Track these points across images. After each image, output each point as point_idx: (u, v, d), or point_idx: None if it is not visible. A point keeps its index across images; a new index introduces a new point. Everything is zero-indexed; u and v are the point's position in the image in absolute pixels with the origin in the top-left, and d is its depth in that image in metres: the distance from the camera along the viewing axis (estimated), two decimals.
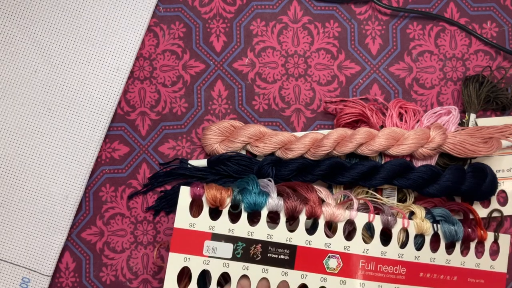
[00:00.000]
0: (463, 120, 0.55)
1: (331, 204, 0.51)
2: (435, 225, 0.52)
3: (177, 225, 0.49)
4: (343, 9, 0.57)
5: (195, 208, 0.51)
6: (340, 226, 0.51)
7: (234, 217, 0.50)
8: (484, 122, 0.56)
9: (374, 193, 0.53)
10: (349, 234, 0.52)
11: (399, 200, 0.54)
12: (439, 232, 0.52)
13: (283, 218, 0.50)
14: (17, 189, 0.53)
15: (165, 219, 0.55)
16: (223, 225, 0.49)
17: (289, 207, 0.50)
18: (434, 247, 0.53)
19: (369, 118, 0.54)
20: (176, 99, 0.56)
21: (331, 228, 0.52)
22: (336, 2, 0.57)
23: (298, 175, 0.52)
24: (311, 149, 0.52)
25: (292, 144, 0.52)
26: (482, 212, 0.56)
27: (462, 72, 0.57)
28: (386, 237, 0.52)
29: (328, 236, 0.51)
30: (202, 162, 0.54)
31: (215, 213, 0.50)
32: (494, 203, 0.56)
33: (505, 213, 0.56)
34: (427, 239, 0.52)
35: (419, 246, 0.52)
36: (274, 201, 0.50)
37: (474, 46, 0.57)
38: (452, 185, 0.52)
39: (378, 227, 0.51)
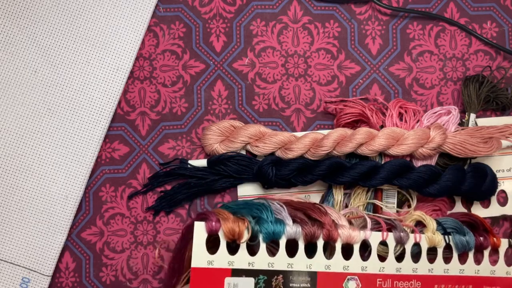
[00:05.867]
0: (463, 120, 0.55)
1: (345, 226, 0.50)
2: (446, 236, 0.52)
3: (194, 264, 0.47)
4: (343, 9, 0.57)
5: (208, 242, 0.48)
6: (356, 248, 0.50)
7: (251, 248, 0.48)
8: (484, 122, 0.56)
9: (375, 201, 0.53)
10: (347, 252, 0.51)
11: (399, 201, 0.54)
12: (451, 243, 0.52)
13: (301, 245, 0.49)
14: (17, 189, 0.53)
15: (165, 219, 0.55)
16: (242, 259, 0.47)
17: (307, 233, 0.48)
18: (447, 257, 0.52)
19: (369, 118, 0.54)
20: (176, 99, 0.56)
21: (326, 249, 0.51)
22: (336, 2, 0.57)
23: (298, 175, 0.52)
24: (311, 149, 0.52)
25: (292, 144, 0.52)
26: (482, 212, 0.56)
27: (462, 72, 0.57)
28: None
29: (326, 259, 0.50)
30: (202, 162, 0.54)
31: (230, 246, 0.48)
32: (494, 203, 0.56)
33: (505, 213, 0.56)
34: (440, 251, 0.52)
35: (423, 257, 0.52)
36: (292, 228, 0.48)
37: (474, 46, 0.57)
38: (452, 185, 0.52)
39: (391, 244, 0.51)
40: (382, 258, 0.51)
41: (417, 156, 0.53)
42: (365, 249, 0.51)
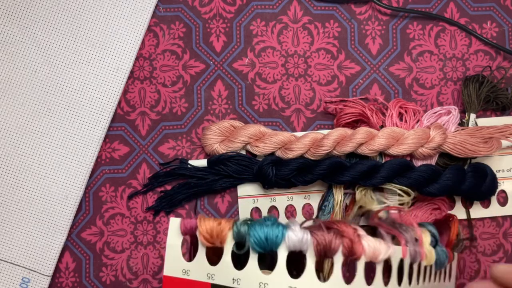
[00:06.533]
0: (463, 120, 0.55)
1: (369, 237, 0.37)
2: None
3: (167, 272, 0.38)
4: (343, 9, 0.57)
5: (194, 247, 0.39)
6: (379, 269, 0.37)
7: (243, 261, 0.36)
8: (484, 122, 0.56)
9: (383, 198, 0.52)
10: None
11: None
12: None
13: (310, 262, 0.35)
14: (17, 189, 0.53)
15: (165, 219, 0.55)
16: (225, 272, 0.36)
17: (321, 242, 0.35)
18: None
19: (369, 118, 0.54)
20: (176, 99, 0.56)
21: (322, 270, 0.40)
22: (336, 2, 0.57)
23: (298, 175, 0.52)
24: (311, 148, 0.52)
25: (292, 144, 0.52)
26: (482, 212, 0.56)
27: (462, 72, 0.57)
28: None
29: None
30: (202, 162, 0.54)
31: (218, 256, 0.38)
32: (494, 203, 0.56)
33: (505, 213, 0.56)
34: (428, 270, 0.43)
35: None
36: (296, 234, 0.35)
37: (474, 46, 0.57)
38: (453, 184, 0.51)
39: (406, 262, 0.39)
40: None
41: (417, 156, 0.53)
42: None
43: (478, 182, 0.52)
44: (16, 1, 0.54)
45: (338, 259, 0.35)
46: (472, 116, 0.55)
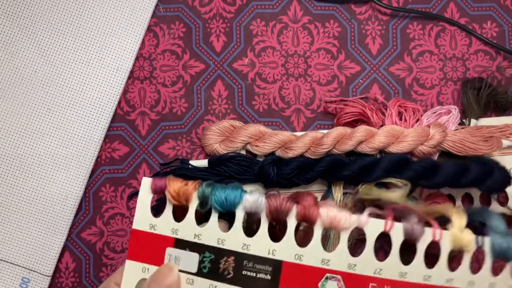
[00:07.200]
0: (463, 121, 0.55)
1: (330, 205, 0.39)
2: (480, 237, 0.39)
3: (136, 226, 0.40)
4: (343, 9, 0.57)
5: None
6: (344, 237, 0.38)
7: (206, 220, 0.40)
8: (484, 122, 0.56)
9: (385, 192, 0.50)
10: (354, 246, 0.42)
11: None
12: (485, 247, 0.39)
13: (264, 223, 0.39)
14: (17, 189, 0.53)
15: None
16: (188, 228, 0.39)
17: (272, 205, 0.38)
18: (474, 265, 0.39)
19: (369, 118, 0.54)
20: (176, 99, 0.56)
21: (327, 239, 0.42)
22: (336, 2, 0.57)
23: (299, 174, 0.52)
24: (311, 147, 0.52)
25: (292, 143, 0.52)
26: None
27: (462, 72, 0.57)
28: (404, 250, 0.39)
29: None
30: (203, 163, 0.54)
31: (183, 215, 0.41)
32: (494, 203, 0.56)
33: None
34: (467, 258, 0.39)
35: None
36: (252, 197, 0.39)
37: (474, 46, 0.57)
38: (456, 171, 0.49)
39: (398, 238, 0.38)
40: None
41: (417, 154, 0.53)
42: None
43: (483, 172, 0.49)
44: (16, 1, 0.54)
45: (292, 223, 0.38)
46: (473, 121, 0.55)
